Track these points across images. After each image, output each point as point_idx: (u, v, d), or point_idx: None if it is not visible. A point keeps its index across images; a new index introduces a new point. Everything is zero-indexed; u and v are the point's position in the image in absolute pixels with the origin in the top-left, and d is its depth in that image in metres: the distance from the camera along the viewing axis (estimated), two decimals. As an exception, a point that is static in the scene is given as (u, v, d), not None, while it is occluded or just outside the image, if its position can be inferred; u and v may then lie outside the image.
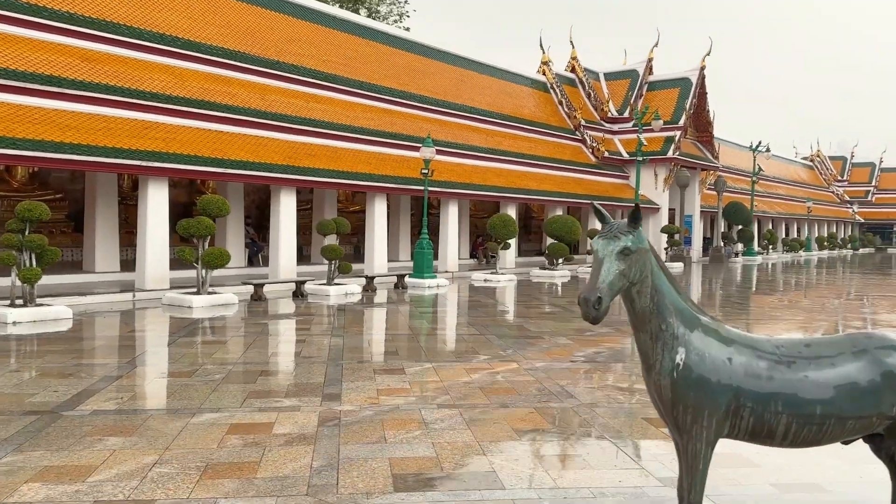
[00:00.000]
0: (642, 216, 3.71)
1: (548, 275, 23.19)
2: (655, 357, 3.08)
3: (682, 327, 3.08)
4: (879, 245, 66.10)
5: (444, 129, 25.23)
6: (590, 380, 7.63)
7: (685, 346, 3.05)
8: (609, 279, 2.87)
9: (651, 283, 3.05)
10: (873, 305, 17.37)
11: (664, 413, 3.16)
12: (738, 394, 3.03)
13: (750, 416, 3.05)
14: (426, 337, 10.54)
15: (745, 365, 3.06)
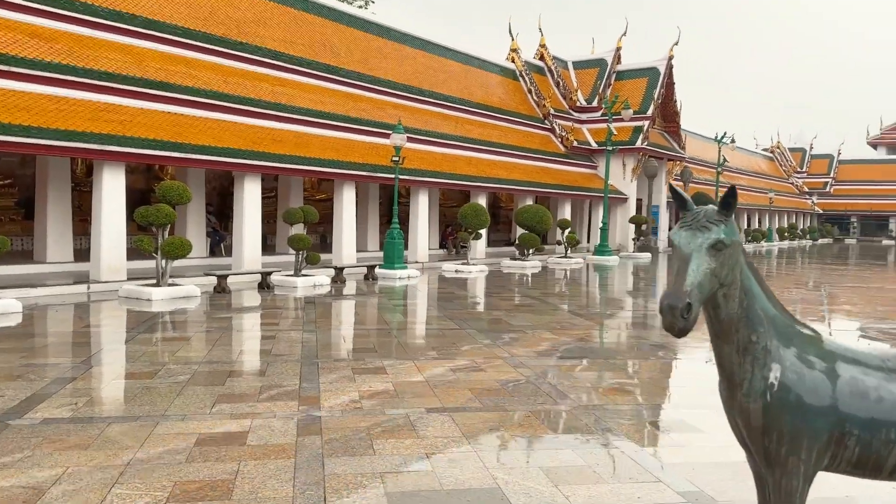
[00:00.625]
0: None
1: (519, 265, 22.84)
2: (743, 375, 2.53)
3: (776, 339, 2.54)
4: (837, 236, 67.44)
5: (413, 115, 24.64)
6: (582, 378, 7.23)
7: (780, 362, 2.51)
8: (698, 280, 2.31)
9: (741, 284, 2.50)
10: (834, 294, 17.38)
11: (750, 442, 2.62)
12: (842, 419, 2.51)
13: (856, 445, 2.52)
14: (403, 331, 10.06)
15: (851, 383, 2.53)
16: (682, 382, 7.37)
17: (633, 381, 7.21)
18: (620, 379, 7.28)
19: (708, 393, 6.18)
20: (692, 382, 7.17)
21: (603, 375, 7.39)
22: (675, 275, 2.37)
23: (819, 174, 73.05)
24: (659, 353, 8.82)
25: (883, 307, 15.01)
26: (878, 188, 69.50)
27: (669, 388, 6.99)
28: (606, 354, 8.76)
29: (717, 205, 2.48)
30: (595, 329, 10.77)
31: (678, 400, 6.40)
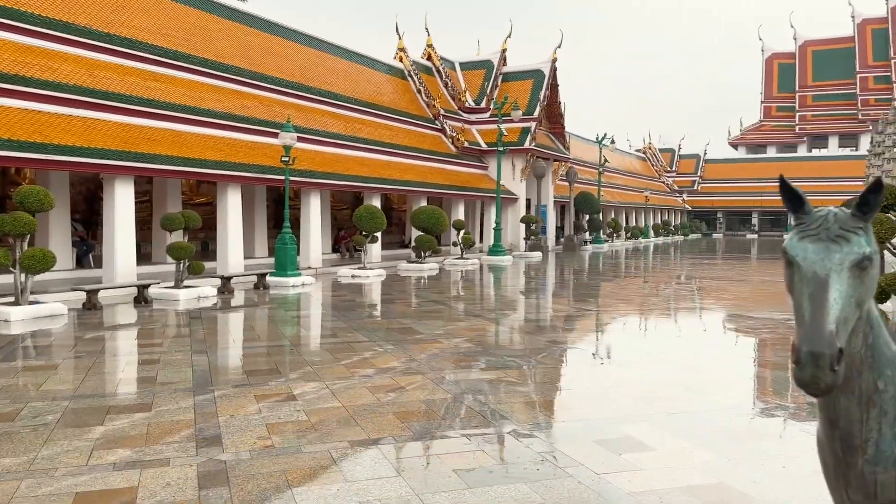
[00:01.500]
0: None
1: (416, 268, 22.28)
2: (868, 435, 1.87)
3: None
4: (705, 231, 71.65)
5: (301, 113, 23.50)
6: (515, 392, 6.71)
7: None
8: (844, 314, 1.68)
9: (867, 312, 1.84)
10: (706, 286, 18.01)
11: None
12: None
13: None
14: (307, 347, 9.19)
15: None
16: (610, 389, 7.01)
17: (564, 392, 6.77)
18: (551, 390, 6.81)
19: (636, 402, 6.02)
20: (619, 389, 6.83)
21: (533, 387, 6.90)
22: (810, 309, 1.69)
23: (687, 173, 77.40)
24: (579, 355, 8.47)
25: (752, 297, 15.63)
26: (740, 185, 74.46)
27: (601, 396, 6.60)
28: (530, 362, 8.30)
29: (853, 205, 1.83)
30: (512, 334, 10.33)
31: (616, 412, 6.00)
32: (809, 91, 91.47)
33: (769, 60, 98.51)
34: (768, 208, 71.52)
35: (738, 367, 8.11)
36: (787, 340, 9.76)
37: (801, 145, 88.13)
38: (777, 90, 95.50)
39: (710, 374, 7.63)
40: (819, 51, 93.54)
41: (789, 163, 76.97)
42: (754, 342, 10.05)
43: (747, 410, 6.08)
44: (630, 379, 7.39)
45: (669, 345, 9.74)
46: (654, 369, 7.91)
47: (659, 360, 8.53)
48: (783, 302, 15.33)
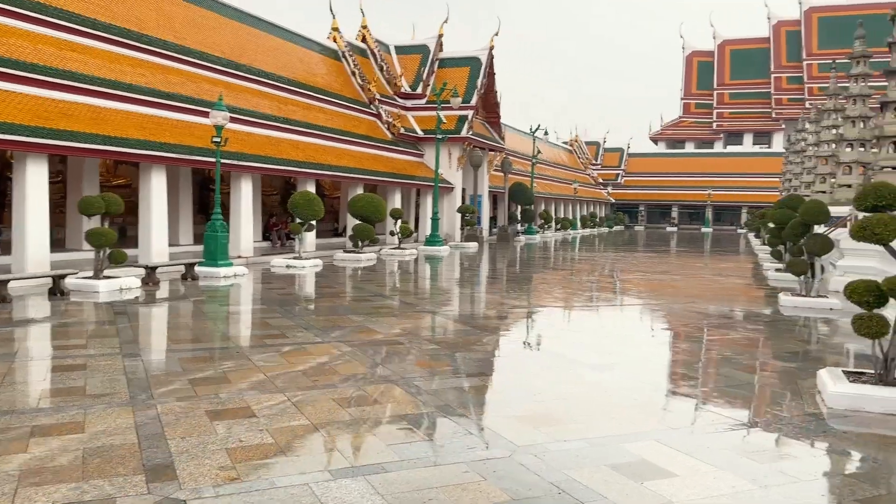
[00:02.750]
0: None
1: (353, 258, 21.41)
2: None
3: None
4: (628, 223, 73.27)
5: (231, 92, 22.13)
6: (499, 403, 6.10)
7: None
8: None
9: None
10: (629, 273, 18.03)
11: None
12: None
13: None
14: (255, 349, 8.30)
15: None
16: (596, 396, 6.49)
17: (550, 402, 6.20)
18: (536, 400, 6.23)
19: (631, 412, 5.41)
20: (606, 396, 6.33)
21: (515, 396, 6.31)
22: None
23: (612, 166, 78.93)
24: (550, 358, 7.95)
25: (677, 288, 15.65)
26: (661, 179, 76.45)
27: (591, 406, 6.07)
28: (502, 365, 7.73)
29: None
30: (474, 334, 9.73)
31: (615, 427, 5.48)
32: (727, 89, 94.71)
33: (689, 58, 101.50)
34: (687, 202, 73.74)
35: (718, 370, 7.77)
36: (760, 339, 9.58)
37: (717, 141, 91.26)
38: (696, 87, 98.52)
39: (693, 376, 7.25)
40: (736, 50, 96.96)
41: (707, 158, 79.64)
42: (725, 341, 9.81)
43: (746, 422, 5.68)
44: (612, 384, 6.92)
45: (636, 342, 9.37)
46: (631, 371, 7.47)
47: (633, 360, 8.11)
48: (738, 296, 15.36)
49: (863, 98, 22.10)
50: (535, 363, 7.89)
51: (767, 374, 7.40)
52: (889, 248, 6.12)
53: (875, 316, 6.03)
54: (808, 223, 12.99)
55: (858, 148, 22.04)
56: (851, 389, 6.00)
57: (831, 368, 6.77)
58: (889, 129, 15.53)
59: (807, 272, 13.01)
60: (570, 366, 7.64)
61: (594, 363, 7.86)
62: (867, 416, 5.78)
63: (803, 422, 5.66)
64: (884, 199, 6.26)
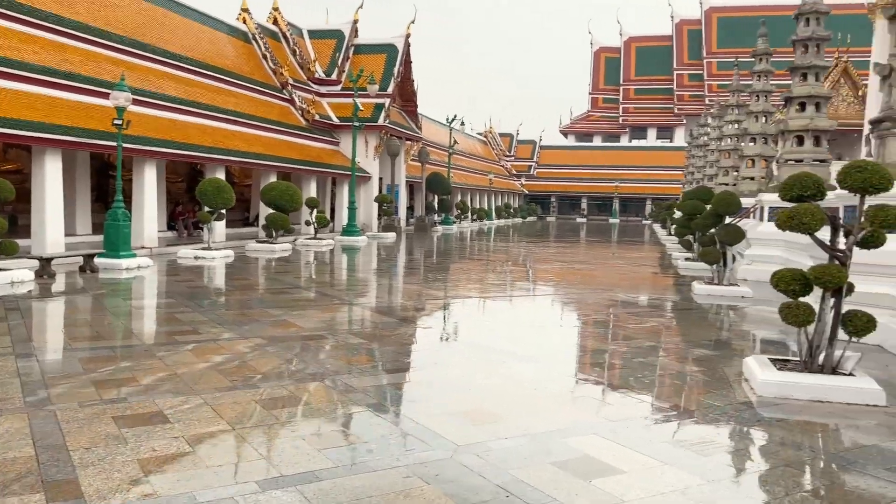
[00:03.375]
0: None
1: (267, 249, 20.63)
2: None
3: None
4: (540, 214, 74.61)
5: (134, 73, 20.81)
6: (431, 401, 5.83)
7: None
8: None
9: None
10: (547, 263, 18.31)
11: None
12: None
13: None
14: (165, 347, 7.67)
15: None
16: (528, 390, 6.33)
17: (485, 398, 5.99)
18: (469, 396, 6.00)
19: (567, 407, 5.19)
20: (538, 389, 6.18)
21: (450, 393, 6.06)
22: None
23: (525, 158, 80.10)
24: (475, 351, 7.76)
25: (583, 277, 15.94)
26: (571, 172, 78.21)
27: (525, 401, 5.90)
28: (433, 359, 7.46)
29: None
30: (399, 327, 9.42)
31: (554, 422, 5.32)
32: (632, 84, 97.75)
33: (597, 54, 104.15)
34: (596, 194, 75.82)
35: (645, 359, 7.78)
36: (681, 327, 9.72)
37: (623, 135, 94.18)
38: (604, 83, 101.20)
39: (621, 366, 7.21)
40: (642, 47, 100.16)
41: (614, 151, 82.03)
42: (635, 328, 9.90)
43: (680, 412, 5.65)
44: (540, 375, 6.79)
45: (559, 332, 9.32)
46: (558, 362, 7.38)
47: (558, 351, 8.04)
48: (652, 285, 15.70)
49: (765, 94, 23.09)
50: (463, 356, 7.68)
51: (693, 362, 7.46)
52: (815, 237, 6.22)
53: (802, 304, 6.13)
54: (721, 213, 13.37)
55: (761, 142, 23.03)
56: (780, 377, 6.08)
57: (757, 356, 6.87)
58: (793, 123, 16.21)
59: (719, 261, 13.40)
60: (498, 358, 7.47)
61: (521, 354, 7.73)
62: (797, 404, 5.87)
63: (737, 410, 5.68)
64: (808, 189, 6.36)
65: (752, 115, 23.43)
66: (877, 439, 5.06)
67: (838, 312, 6.14)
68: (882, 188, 5.92)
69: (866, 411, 5.70)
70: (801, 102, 16.22)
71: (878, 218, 5.86)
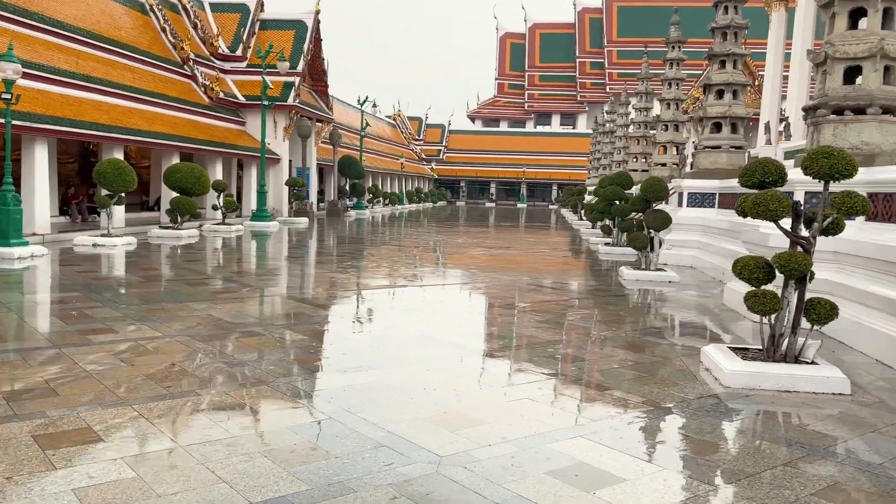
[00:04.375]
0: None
1: (172, 235, 19.32)
2: None
3: None
4: (450, 199, 74.67)
5: (20, 44, 18.80)
6: (402, 405, 5.34)
7: None
8: None
9: None
10: (469, 248, 18.20)
11: None
12: None
13: None
14: (80, 349, 6.76)
15: None
16: (499, 390, 5.95)
17: (456, 401, 5.57)
18: (440, 399, 5.56)
19: (545, 408, 4.86)
20: (510, 388, 5.84)
21: (409, 391, 5.60)
22: None
23: (434, 142, 79.79)
24: (434, 346, 7.34)
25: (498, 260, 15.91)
26: (481, 156, 78.67)
27: (500, 403, 5.53)
28: (386, 356, 6.96)
29: None
30: (343, 319, 8.83)
31: (535, 426, 4.98)
32: (537, 71, 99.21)
33: (503, 39, 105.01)
34: (504, 179, 76.64)
35: (601, 350, 7.58)
36: (620, 314, 9.63)
37: (529, 121, 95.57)
38: (510, 68, 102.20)
39: (580, 358, 6.97)
40: (546, 34, 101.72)
41: (520, 137, 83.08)
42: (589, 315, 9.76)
43: (656, 407, 5.44)
44: (502, 371, 6.46)
45: (505, 323, 9.03)
46: (514, 357, 7.07)
47: (510, 343, 7.74)
48: (577, 270, 15.71)
49: (677, 82, 23.65)
50: (417, 351, 7.22)
51: (647, 351, 7.32)
52: (779, 225, 6.14)
53: (768, 293, 6.04)
54: (649, 199, 13.47)
55: (672, 129, 23.63)
56: (747, 368, 5.99)
57: (717, 345, 6.79)
58: (711, 110, 16.58)
59: (647, 246, 13.51)
60: (454, 352, 7.07)
61: (475, 348, 7.38)
62: (765, 395, 5.78)
63: (711, 404, 5.52)
64: (770, 175, 6.27)
65: (664, 102, 23.97)
66: (857, 431, 5.00)
67: (802, 300, 6.10)
68: (847, 175, 5.88)
69: (834, 400, 5.67)
70: (720, 90, 16.59)
71: (845, 205, 5.82)
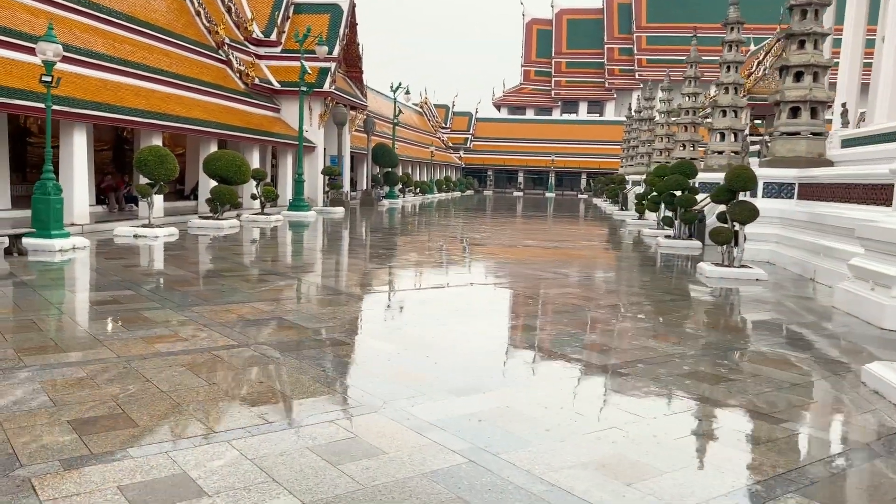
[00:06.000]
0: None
1: (213, 225, 18.57)
2: None
3: None
4: (477, 188, 73.62)
5: (57, 26, 18.15)
6: (575, 456, 4.44)
7: None
8: None
9: None
10: (524, 239, 17.22)
11: None
12: None
13: None
14: (146, 362, 5.92)
15: None
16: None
17: (630, 447, 4.67)
18: (614, 447, 4.66)
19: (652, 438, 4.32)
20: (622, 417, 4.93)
21: (568, 436, 4.69)
22: None
23: (461, 130, 78.67)
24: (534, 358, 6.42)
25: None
26: (508, 145, 77.42)
27: (651, 447, 4.63)
28: (510, 380, 6.07)
29: None
30: (424, 327, 7.95)
31: (696, 475, 4.08)
32: (564, 58, 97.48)
33: (529, 25, 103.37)
34: (532, 168, 75.33)
35: (751, 365, 6.62)
36: (737, 321, 8.65)
37: (555, 109, 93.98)
38: (536, 55, 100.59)
39: (725, 378, 6.02)
40: (573, 19, 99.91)
41: (547, 125, 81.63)
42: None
43: (855, 448, 4.49)
44: (647, 395, 5.53)
45: (603, 329, 8.09)
46: (657, 376, 6.13)
47: (646, 360, 6.80)
48: (649, 266, 14.69)
49: (736, 65, 22.42)
50: (532, 367, 6.31)
51: (792, 370, 6.34)
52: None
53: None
54: (735, 189, 12.41)
55: (731, 114, 22.41)
56: (947, 394, 4.99)
57: (887, 364, 5.79)
58: (789, 94, 15.44)
59: (730, 241, 12.48)
60: (574, 370, 6.15)
61: (596, 364, 6.44)
62: (977, 429, 4.79)
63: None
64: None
65: (721, 87, 22.75)
66: None
67: None
68: None
69: None
70: (798, 72, 15.45)
71: None
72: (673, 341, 7.27)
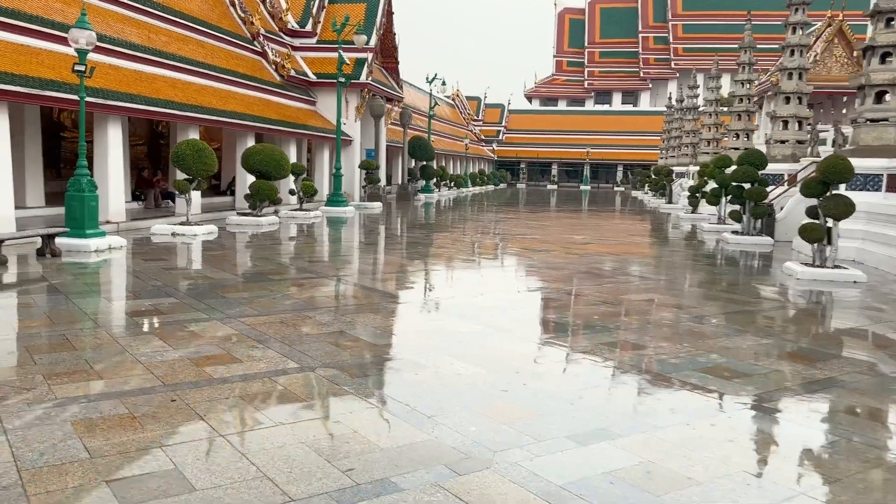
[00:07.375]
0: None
1: (252, 222, 17.79)
2: None
3: None
4: (510, 181, 72.37)
5: (88, 13, 17.45)
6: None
7: None
8: None
9: None
10: (579, 234, 16.10)
11: None
12: None
13: None
14: (199, 391, 5.04)
15: None
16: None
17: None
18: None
19: None
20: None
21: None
22: None
23: (493, 123, 77.43)
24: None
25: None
26: (540, 137, 75.97)
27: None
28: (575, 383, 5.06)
29: None
30: (506, 343, 6.97)
31: None
32: (597, 47, 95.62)
33: (561, 15, 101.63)
34: (566, 160, 73.82)
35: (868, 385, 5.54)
36: (840, 330, 7.53)
37: (588, 100, 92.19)
38: (568, 45, 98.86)
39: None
40: (606, 8, 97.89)
41: (581, 116, 79.95)
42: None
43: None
44: (741, 425, 4.48)
45: (726, 347, 7.04)
46: (813, 412, 5.06)
47: (789, 388, 5.74)
48: (723, 264, 13.52)
49: (801, 49, 21.01)
50: (649, 399, 5.30)
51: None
52: None
53: None
54: (829, 182, 11.19)
55: (795, 102, 21.03)
56: None
57: None
58: (875, 76, 14.12)
59: (822, 239, 11.28)
60: (703, 401, 5.11)
61: (726, 391, 5.39)
62: None
63: None
64: None
65: (785, 72, 21.36)
66: None
67: None
68: None
69: None
70: (886, 52, 14.11)
71: None
72: (807, 362, 6.18)
